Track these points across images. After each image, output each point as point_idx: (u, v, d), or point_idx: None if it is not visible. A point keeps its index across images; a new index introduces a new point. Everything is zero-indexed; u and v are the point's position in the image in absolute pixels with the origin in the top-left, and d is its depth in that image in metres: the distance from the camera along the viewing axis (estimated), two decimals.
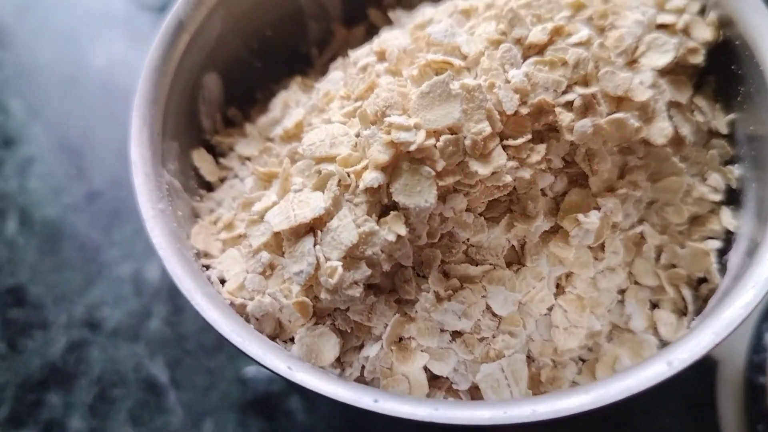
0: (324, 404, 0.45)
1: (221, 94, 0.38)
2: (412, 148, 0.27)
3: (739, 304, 0.26)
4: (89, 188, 0.60)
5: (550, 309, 0.31)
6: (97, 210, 0.59)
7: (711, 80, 0.35)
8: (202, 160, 0.35)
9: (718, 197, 0.34)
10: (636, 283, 0.33)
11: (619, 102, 0.31)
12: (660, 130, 0.31)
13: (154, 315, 0.54)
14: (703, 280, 0.33)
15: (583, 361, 0.32)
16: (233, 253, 0.31)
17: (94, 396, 0.51)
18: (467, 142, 0.28)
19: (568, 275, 0.31)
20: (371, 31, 0.42)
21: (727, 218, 0.33)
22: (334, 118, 0.31)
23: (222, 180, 0.36)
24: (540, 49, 0.30)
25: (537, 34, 0.30)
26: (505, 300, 0.30)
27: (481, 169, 0.28)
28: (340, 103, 0.32)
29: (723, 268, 0.33)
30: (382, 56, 0.32)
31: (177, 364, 0.52)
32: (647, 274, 0.32)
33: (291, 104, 0.35)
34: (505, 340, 0.29)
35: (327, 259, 0.28)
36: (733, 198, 0.34)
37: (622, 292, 0.32)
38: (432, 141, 0.27)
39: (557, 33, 0.31)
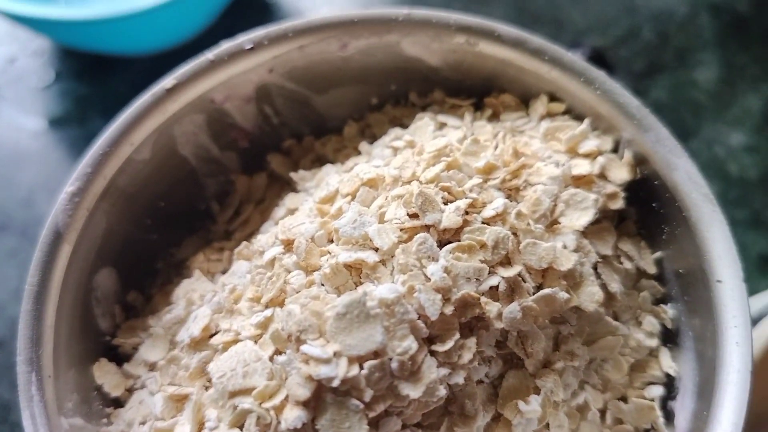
0: None
1: (117, 285, 0.34)
2: (335, 383, 0.25)
3: None
4: None
5: None
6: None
7: (631, 212, 0.34)
8: (104, 374, 0.31)
9: (654, 342, 0.32)
10: None
11: (545, 273, 0.29)
12: (590, 296, 0.29)
13: None
14: (649, 431, 0.32)
15: None
16: None
17: None
18: (394, 364, 0.25)
19: None
20: (273, 176, 0.39)
21: (667, 362, 0.32)
22: (244, 332, 0.28)
23: (129, 390, 0.32)
24: (455, 232, 0.28)
25: (451, 217, 0.28)
26: None
27: (413, 392, 0.25)
28: (250, 305, 0.29)
29: (668, 415, 0.32)
30: (289, 247, 0.30)
31: None
32: None
33: (195, 299, 0.32)
34: None
35: None
36: (669, 338, 0.33)
37: None
38: (355, 370, 0.25)
39: (472, 206, 0.29)
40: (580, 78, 0.33)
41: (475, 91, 0.37)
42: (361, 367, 0.25)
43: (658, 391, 0.32)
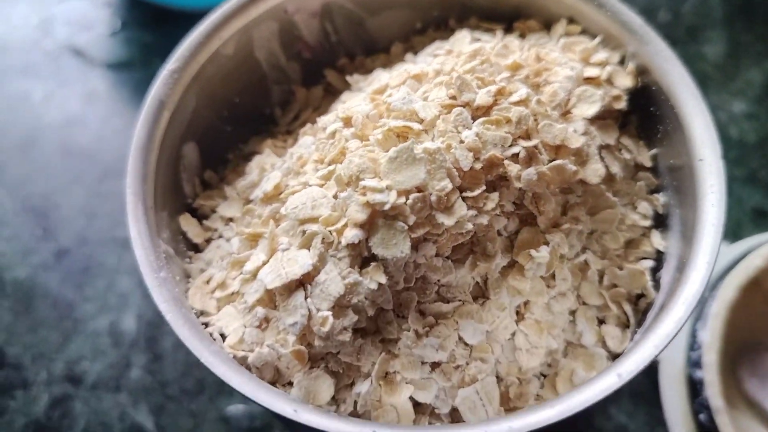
0: None
1: (198, 160, 0.41)
2: (386, 207, 0.31)
3: (672, 318, 0.31)
4: (57, 247, 0.61)
5: (513, 334, 0.35)
6: (67, 267, 0.60)
7: (633, 119, 0.40)
8: (188, 224, 0.38)
9: (647, 223, 0.39)
10: (584, 303, 0.37)
11: (558, 150, 0.35)
12: (594, 171, 0.36)
13: (134, 364, 0.56)
14: (641, 296, 0.38)
15: (544, 376, 0.36)
16: (230, 310, 0.34)
17: None
18: (433, 198, 0.32)
19: (526, 303, 0.35)
20: (328, 89, 0.46)
21: (657, 240, 0.38)
22: (311, 182, 0.34)
23: (207, 241, 0.39)
24: (486, 110, 0.35)
25: (483, 97, 0.34)
26: (475, 331, 0.34)
27: (447, 220, 0.32)
28: (314, 166, 0.36)
29: (657, 284, 0.38)
30: (348, 122, 0.36)
31: (160, 410, 0.54)
32: (593, 294, 0.37)
33: (267, 168, 0.39)
34: (477, 366, 0.34)
35: (318, 310, 0.31)
36: (660, 222, 0.39)
37: (572, 313, 0.37)
38: (402, 200, 0.31)
39: (500, 94, 0.35)
40: (594, 2, 0.39)
41: (505, 18, 0.43)
42: (407, 198, 0.32)
43: (648, 263, 0.38)
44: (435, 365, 0.34)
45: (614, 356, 0.37)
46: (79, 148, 0.66)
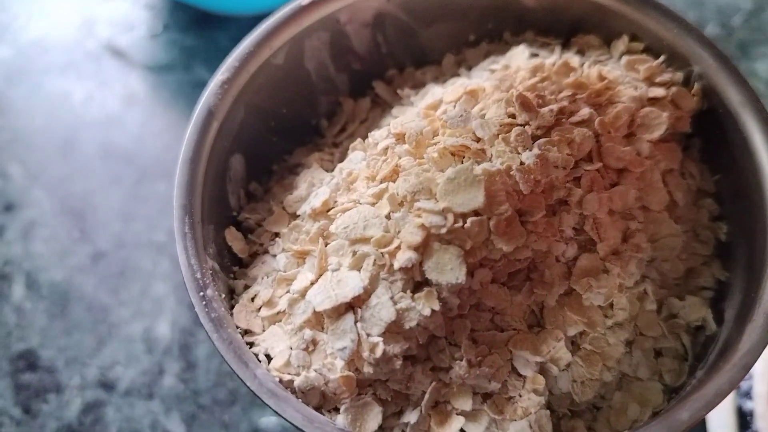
0: None
1: (244, 171, 0.40)
2: (443, 231, 0.30)
3: (736, 364, 0.30)
4: (94, 250, 0.61)
5: (568, 365, 0.33)
6: (103, 271, 0.60)
7: (696, 143, 0.39)
8: (233, 238, 0.37)
9: (708, 251, 0.37)
10: (641, 334, 0.36)
11: (620, 173, 0.34)
12: (657, 198, 0.34)
13: (167, 372, 0.56)
14: (699, 327, 0.36)
15: (597, 408, 0.35)
16: (276, 330, 0.33)
17: None
18: (491, 222, 0.30)
19: (582, 333, 0.34)
20: (376, 101, 0.45)
21: (718, 270, 0.37)
22: (362, 200, 0.33)
23: (252, 256, 0.38)
24: (547, 130, 0.33)
25: (545, 116, 0.33)
26: (528, 362, 0.32)
27: (505, 246, 0.30)
28: (365, 183, 0.35)
29: (717, 316, 0.36)
30: (401, 138, 0.35)
31: (192, 419, 0.54)
32: (651, 325, 0.36)
33: (315, 182, 0.38)
34: (531, 398, 0.32)
35: (368, 335, 0.30)
36: (723, 251, 0.37)
37: (629, 343, 0.35)
38: (460, 223, 0.30)
39: (561, 113, 0.34)
40: (660, 17, 0.38)
41: (563, 32, 0.42)
42: (464, 222, 0.30)
43: (708, 294, 0.36)
44: (486, 396, 0.32)
45: (671, 390, 0.35)
46: (117, 149, 0.66)
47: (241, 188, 0.40)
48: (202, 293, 0.31)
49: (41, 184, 0.64)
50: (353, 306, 0.31)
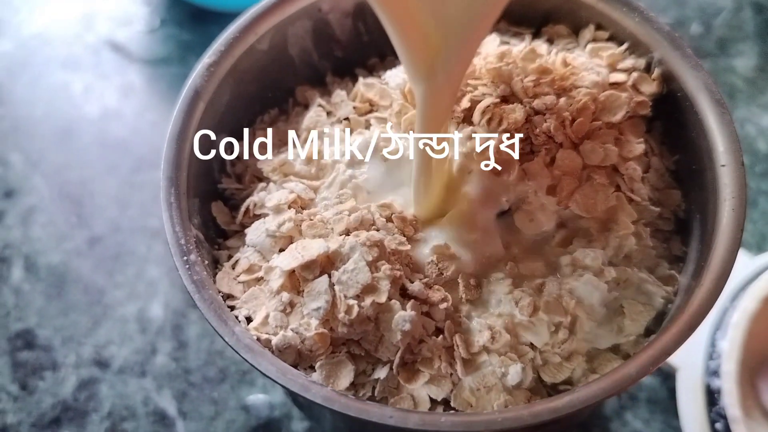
0: (327, 424, 0.49)
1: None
2: None
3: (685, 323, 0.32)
4: (90, 234, 0.63)
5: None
6: (99, 254, 0.62)
7: (658, 125, 0.41)
8: (219, 211, 0.39)
9: (670, 227, 0.39)
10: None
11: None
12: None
13: (159, 351, 0.58)
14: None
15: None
16: (256, 292, 0.35)
17: (105, 430, 0.55)
18: None
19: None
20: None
21: (677, 246, 0.39)
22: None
23: (236, 231, 0.40)
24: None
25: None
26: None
27: None
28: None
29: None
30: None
31: (183, 396, 0.56)
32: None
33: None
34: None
35: (345, 297, 0.32)
36: (681, 227, 0.39)
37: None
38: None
39: (525, 94, 0.36)
40: (623, 8, 0.40)
41: (535, 23, 0.44)
42: None
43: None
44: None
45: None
46: (114, 139, 0.68)
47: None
48: (185, 257, 0.33)
49: (41, 171, 0.67)
50: (327, 270, 0.33)
